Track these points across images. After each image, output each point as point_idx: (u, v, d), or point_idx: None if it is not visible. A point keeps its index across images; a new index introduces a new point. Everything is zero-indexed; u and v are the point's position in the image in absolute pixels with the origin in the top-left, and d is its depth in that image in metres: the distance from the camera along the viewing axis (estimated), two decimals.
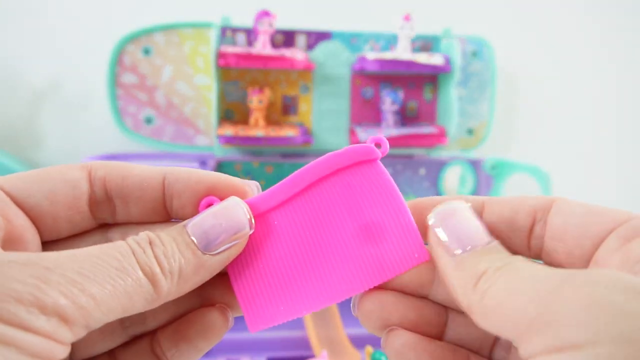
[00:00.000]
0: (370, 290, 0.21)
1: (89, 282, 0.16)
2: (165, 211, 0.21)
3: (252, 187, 0.22)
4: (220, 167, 0.69)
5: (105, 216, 0.21)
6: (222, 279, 0.21)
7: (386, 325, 0.20)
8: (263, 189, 0.22)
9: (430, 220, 0.20)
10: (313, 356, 0.49)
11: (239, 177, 0.68)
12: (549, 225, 0.20)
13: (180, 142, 0.71)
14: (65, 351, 0.16)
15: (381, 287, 0.21)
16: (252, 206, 0.21)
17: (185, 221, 0.19)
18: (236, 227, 0.19)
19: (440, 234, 0.19)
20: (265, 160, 0.70)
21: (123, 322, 0.21)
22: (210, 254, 0.19)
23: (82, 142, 0.79)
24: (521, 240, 0.20)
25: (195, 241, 0.19)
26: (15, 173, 0.19)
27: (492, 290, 0.17)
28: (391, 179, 0.21)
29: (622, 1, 0.89)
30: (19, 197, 0.19)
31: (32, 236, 0.19)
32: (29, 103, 0.78)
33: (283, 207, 0.21)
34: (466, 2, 0.84)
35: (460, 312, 0.21)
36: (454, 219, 0.19)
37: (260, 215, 0.21)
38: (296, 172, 0.21)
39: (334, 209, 0.21)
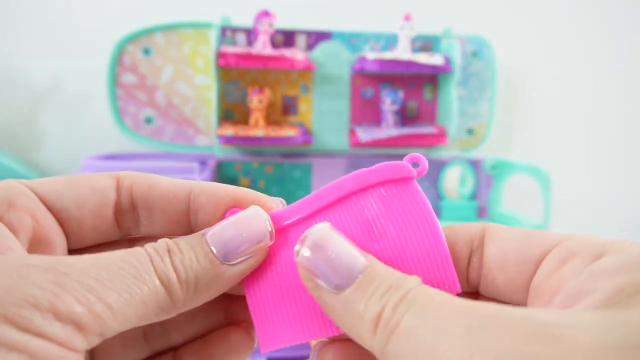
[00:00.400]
0: (332, 341, 0.19)
1: (106, 290, 0.16)
2: (189, 224, 0.20)
3: (277, 202, 0.21)
4: (220, 167, 0.69)
5: (129, 226, 0.21)
6: None
7: None
8: (263, 189, 0.22)
9: (297, 259, 0.18)
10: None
11: (238, 177, 0.68)
12: (486, 255, 0.19)
13: (180, 142, 0.71)
14: (79, 359, 0.15)
15: (344, 339, 0.19)
16: (277, 219, 0.20)
17: (205, 229, 0.19)
18: (256, 237, 0.19)
19: (313, 270, 0.17)
20: (265, 160, 0.70)
21: (146, 335, 0.20)
22: (228, 264, 0.18)
23: (82, 142, 0.79)
24: (460, 275, 0.19)
25: (214, 250, 0.18)
26: (45, 178, 0.19)
27: (398, 334, 0.15)
28: (427, 200, 0.19)
29: (621, 1, 0.89)
30: (48, 199, 0.19)
31: (59, 239, 0.19)
32: (29, 103, 0.78)
33: (306, 222, 0.20)
34: (466, 2, 0.84)
35: None
36: (322, 248, 0.17)
37: (281, 229, 0.20)
38: (324, 187, 0.20)
39: (360, 228, 0.19)
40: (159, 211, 0.20)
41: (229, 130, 0.64)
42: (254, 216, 0.19)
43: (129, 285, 0.16)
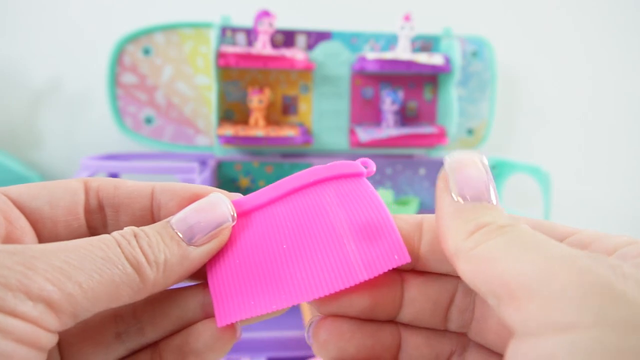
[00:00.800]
0: (325, 318, 0.21)
1: (76, 271, 0.16)
2: (153, 221, 0.22)
3: (237, 196, 0.22)
4: (220, 167, 0.69)
5: (97, 225, 0.21)
6: None
7: (343, 355, 0.20)
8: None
9: (445, 164, 0.20)
10: (313, 356, 0.49)
11: (238, 177, 0.68)
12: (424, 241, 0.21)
13: (180, 142, 0.71)
14: (51, 340, 0.16)
15: (338, 315, 0.21)
16: (237, 205, 0.22)
17: (169, 217, 0.20)
18: (219, 219, 0.20)
19: (449, 177, 0.19)
20: (265, 160, 0.70)
21: (119, 334, 0.21)
22: (194, 245, 0.19)
23: (82, 142, 0.79)
24: (410, 248, 0.21)
25: (179, 234, 0.19)
26: (18, 185, 0.21)
27: (489, 244, 0.16)
28: (374, 190, 0.22)
29: (621, 1, 0.89)
30: (22, 201, 0.20)
31: (31, 240, 0.20)
32: (29, 103, 0.78)
33: (264, 209, 0.22)
34: (466, 2, 0.84)
35: (414, 332, 0.21)
36: (466, 169, 0.19)
37: (241, 214, 0.22)
38: (282, 179, 0.22)
39: (314, 212, 0.21)
40: (124, 209, 0.21)
41: (229, 130, 0.64)
42: (216, 201, 0.21)
43: (99, 267, 0.17)
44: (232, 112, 0.70)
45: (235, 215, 0.21)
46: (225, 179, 0.70)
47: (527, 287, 0.14)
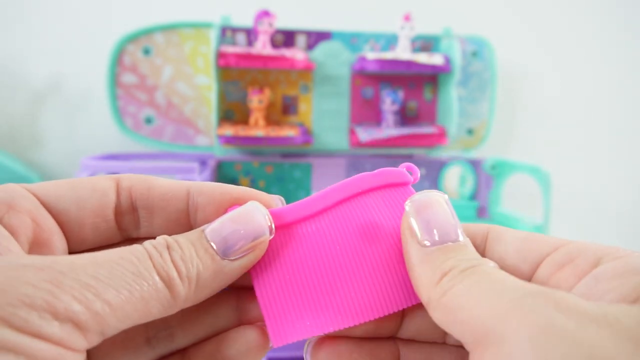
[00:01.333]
0: (323, 339, 0.20)
1: (104, 287, 0.15)
2: (189, 224, 0.21)
3: (276, 200, 0.21)
4: (220, 167, 0.69)
5: (129, 227, 0.21)
6: None
7: None
8: (263, 189, 0.22)
9: (407, 207, 0.19)
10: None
11: (238, 176, 0.68)
12: (488, 253, 0.20)
13: (180, 142, 0.71)
14: (78, 359, 0.15)
15: (336, 336, 0.20)
16: (279, 216, 0.20)
17: (204, 226, 0.19)
18: (255, 232, 0.19)
19: (413, 222, 0.19)
20: (265, 160, 0.70)
21: (149, 340, 0.20)
22: (229, 259, 0.18)
23: (82, 142, 0.79)
24: None
25: (214, 246, 0.18)
26: (46, 181, 0.20)
27: (454, 291, 0.16)
28: None
29: (621, 1, 0.89)
30: (48, 201, 0.19)
31: (59, 241, 0.19)
32: (29, 103, 0.78)
33: (312, 220, 0.21)
34: (466, 2, 0.84)
35: (414, 348, 0.21)
36: (430, 210, 0.19)
37: (288, 226, 0.21)
38: (327, 188, 0.21)
39: (364, 227, 0.21)
40: (159, 211, 0.20)
41: (229, 130, 0.64)
42: (253, 211, 0.19)
43: (128, 282, 0.16)
44: (232, 112, 0.70)
45: (274, 227, 0.20)
46: (225, 179, 0.70)
47: (487, 334, 0.15)
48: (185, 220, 0.20)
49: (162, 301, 0.17)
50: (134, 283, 0.16)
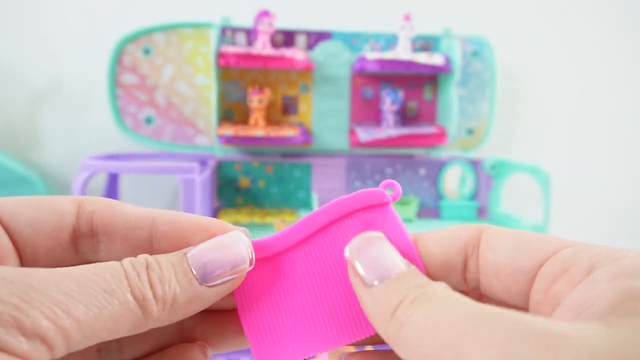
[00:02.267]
0: (353, 354, 0.21)
1: (74, 304, 0.15)
2: (151, 252, 0.20)
3: (242, 231, 0.21)
4: (221, 167, 0.69)
5: (87, 250, 0.20)
6: (206, 314, 0.21)
7: None
8: (263, 189, 0.22)
9: (347, 254, 0.19)
10: (313, 356, 0.49)
11: (238, 177, 0.68)
12: (481, 262, 0.19)
13: (181, 142, 0.71)
14: None
15: (365, 351, 0.21)
16: (262, 247, 0.21)
17: (187, 249, 0.19)
18: (235, 261, 0.19)
19: (356, 265, 0.19)
20: (265, 160, 0.70)
21: (100, 350, 0.20)
22: (206, 285, 0.19)
23: (82, 142, 0.79)
24: (457, 278, 0.20)
25: (193, 271, 0.18)
26: (7, 197, 0.20)
27: (409, 323, 0.16)
28: (402, 222, 0.21)
29: (621, 1, 0.89)
30: (5, 219, 0.19)
31: (12, 260, 0.19)
32: (30, 103, 0.78)
33: (293, 250, 0.22)
34: (466, 2, 0.84)
35: None
36: (369, 250, 0.19)
37: (271, 257, 0.21)
38: (309, 214, 0.22)
39: (341, 254, 0.21)
40: (121, 238, 0.20)
41: (229, 130, 0.64)
42: (235, 241, 0.20)
43: (99, 300, 0.16)
44: (232, 112, 0.70)
45: (254, 258, 0.20)
46: (225, 179, 0.70)
47: None
48: (147, 248, 0.20)
49: (133, 320, 0.17)
50: (104, 301, 0.16)
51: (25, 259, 0.19)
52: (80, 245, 0.20)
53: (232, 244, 0.19)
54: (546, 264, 0.18)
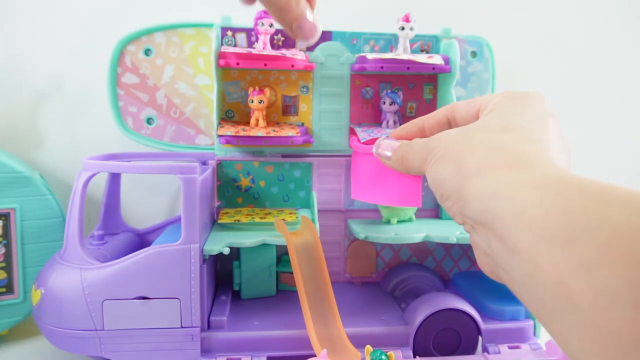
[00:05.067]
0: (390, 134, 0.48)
1: None
2: None
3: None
4: (221, 166, 0.69)
5: None
6: None
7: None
8: (263, 189, 0.23)
9: (375, 150, 0.46)
10: (313, 355, 0.50)
11: (239, 176, 0.68)
12: (456, 117, 0.41)
13: (181, 142, 0.71)
14: None
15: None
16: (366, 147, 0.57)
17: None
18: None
19: (381, 154, 0.44)
20: (266, 160, 0.70)
21: None
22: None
23: (83, 141, 0.80)
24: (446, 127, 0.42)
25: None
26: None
27: (431, 166, 0.35)
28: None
29: (622, 2, 0.89)
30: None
31: None
32: (30, 103, 0.78)
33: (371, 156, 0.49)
34: (466, 2, 0.84)
35: None
36: (381, 145, 0.45)
37: (369, 154, 0.53)
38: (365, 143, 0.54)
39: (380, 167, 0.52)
40: None
41: (230, 131, 0.64)
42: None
43: None
44: (232, 112, 0.70)
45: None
46: (225, 179, 0.70)
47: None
48: None
49: None
50: None
51: None
52: None
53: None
54: (482, 107, 0.38)
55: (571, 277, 0.19)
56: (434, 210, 0.72)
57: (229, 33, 0.69)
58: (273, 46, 0.69)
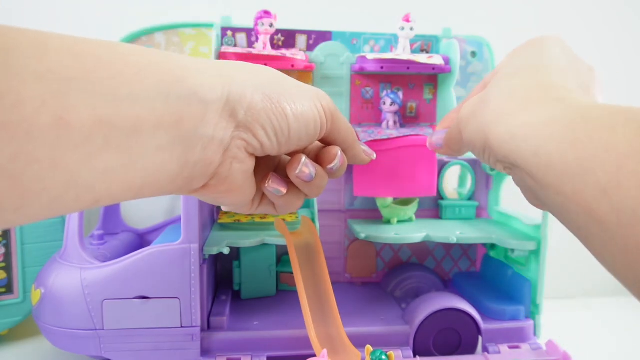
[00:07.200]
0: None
1: None
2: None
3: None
4: None
5: None
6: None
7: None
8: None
9: (430, 141, 0.48)
10: (313, 355, 0.50)
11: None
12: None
13: None
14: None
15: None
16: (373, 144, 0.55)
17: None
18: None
19: (436, 142, 0.47)
20: None
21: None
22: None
23: None
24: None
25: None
26: None
27: (463, 120, 0.40)
28: (435, 156, 0.60)
29: (622, 2, 0.90)
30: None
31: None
32: None
33: (385, 152, 0.55)
34: (466, 2, 0.84)
35: None
36: (435, 135, 0.47)
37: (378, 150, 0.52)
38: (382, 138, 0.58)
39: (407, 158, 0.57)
40: None
41: None
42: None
43: None
44: None
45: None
46: None
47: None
48: None
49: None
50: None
51: None
52: None
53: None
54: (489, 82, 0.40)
55: (595, 202, 0.22)
56: (434, 210, 0.72)
57: (229, 33, 0.69)
58: (273, 46, 0.69)
